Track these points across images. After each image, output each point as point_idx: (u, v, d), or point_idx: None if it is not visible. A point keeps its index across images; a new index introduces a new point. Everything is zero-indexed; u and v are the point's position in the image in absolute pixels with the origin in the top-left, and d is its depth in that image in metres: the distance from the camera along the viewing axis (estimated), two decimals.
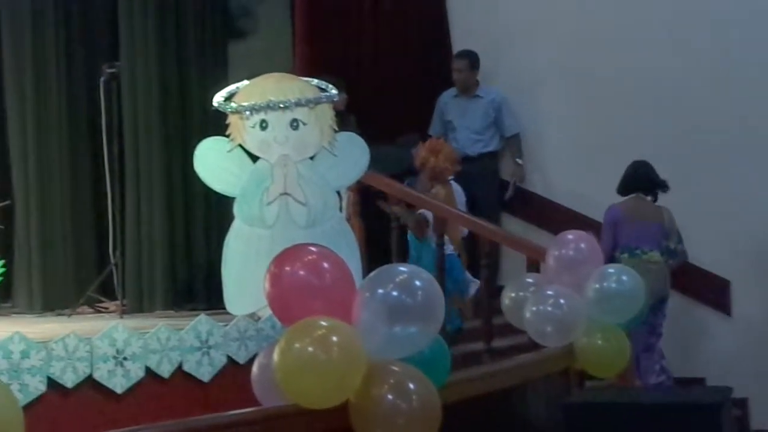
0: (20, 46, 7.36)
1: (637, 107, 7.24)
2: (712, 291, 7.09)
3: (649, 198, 6.50)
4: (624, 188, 6.50)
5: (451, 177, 6.64)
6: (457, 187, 6.73)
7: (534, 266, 5.69)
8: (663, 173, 6.51)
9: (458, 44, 7.78)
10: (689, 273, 6.84)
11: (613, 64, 7.29)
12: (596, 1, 7.47)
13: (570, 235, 5.22)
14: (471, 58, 7.58)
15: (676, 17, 7.21)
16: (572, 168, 7.45)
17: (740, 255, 6.99)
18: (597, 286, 4.96)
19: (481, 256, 6.06)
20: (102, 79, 6.77)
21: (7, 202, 7.25)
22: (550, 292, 4.98)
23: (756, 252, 7.00)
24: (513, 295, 5.20)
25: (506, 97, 7.62)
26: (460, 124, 7.61)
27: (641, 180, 6.48)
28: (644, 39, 7.25)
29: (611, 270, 5.04)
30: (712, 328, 7.11)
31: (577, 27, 7.43)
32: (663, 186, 6.47)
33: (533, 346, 5.15)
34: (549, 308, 4.92)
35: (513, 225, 7.49)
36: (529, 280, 5.27)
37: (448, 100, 7.72)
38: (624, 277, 4.96)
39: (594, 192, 6.95)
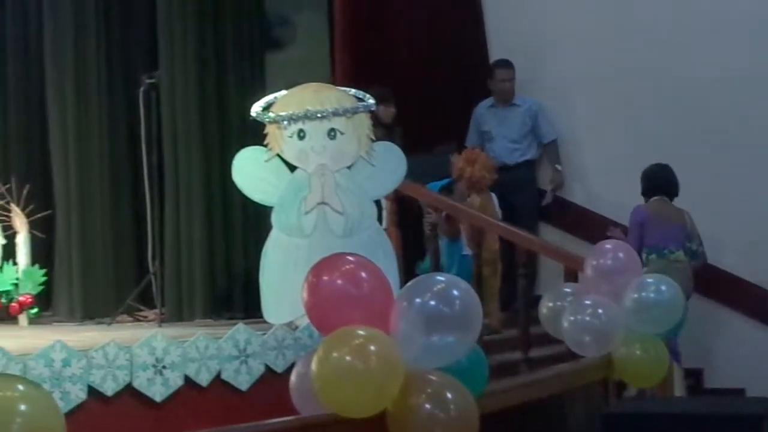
0: (62, 57, 7.43)
1: (674, 114, 7.20)
2: (752, 301, 7.03)
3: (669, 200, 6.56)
4: (648, 190, 6.59)
5: (488, 185, 6.64)
6: (494, 198, 6.73)
7: (572, 276, 5.67)
8: (700, 180, 6.51)
9: (495, 54, 7.78)
10: (729, 283, 6.79)
11: (650, 70, 7.25)
12: (631, 8, 7.44)
13: (608, 244, 5.20)
14: (514, 67, 7.58)
15: (713, 24, 7.17)
16: (610, 176, 7.42)
17: None
18: (635, 295, 4.94)
19: (518, 266, 6.04)
20: (141, 89, 6.80)
21: (47, 212, 7.33)
22: (588, 302, 4.96)
23: None
24: (551, 304, 5.19)
25: (543, 105, 7.60)
26: (498, 133, 7.60)
27: (664, 183, 6.57)
28: (680, 46, 7.21)
29: (650, 280, 5.01)
30: (751, 339, 7.04)
31: (613, 34, 7.40)
32: (676, 191, 6.58)
33: (571, 355, 5.13)
34: (587, 318, 4.90)
35: (550, 234, 7.46)
36: (567, 290, 5.25)
37: (483, 110, 7.72)
38: (663, 287, 4.93)
39: (632, 200, 6.91)
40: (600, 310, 4.88)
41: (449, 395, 3.24)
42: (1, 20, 7.67)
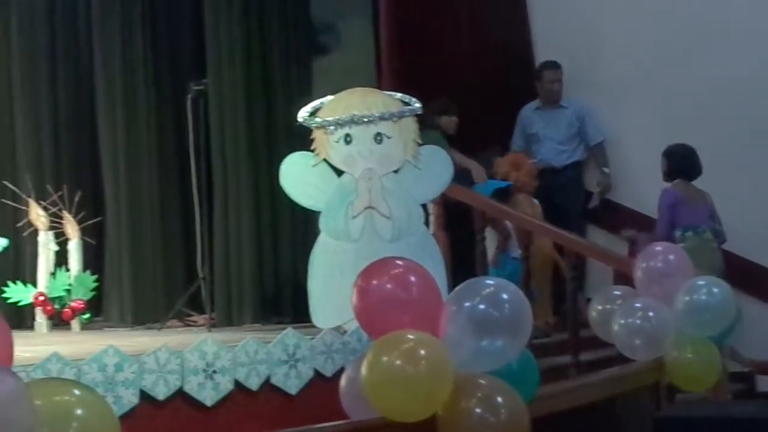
0: (110, 67, 7.52)
1: (719, 116, 7.14)
2: None
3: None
4: (672, 172, 6.64)
5: (530, 191, 6.66)
6: (535, 202, 6.73)
7: (621, 278, 5.63)
8: (744, 180, 6.47)
9: (541, 55, 7.75)
10: None
11: (697, 71, 7.21)
12: (677, 10, 7.39)
13: (658, 246, 5.16)
14: (561, 69, 7.55)
15: (757, 26, 7.10)
16: (658, 178, 7.34)
17: None
18: (687, 298, 4.89)
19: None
20: (189, 96, 6.87)
21: (98, 219, 7.41)
22: (638, 305, 4.91)
23: None
24: (600, 307, 5.14)
25: (589, 106, 7.56)
26: (545, 135, 7.58)
27: (689, 166, 6.62)
28: (725, 48, 7.15)
29: (701, 282, 4.96)
30: None
31: (659, 34, 7.36)
32: (700, 171, 6.63)
33: (621, 359, 5.09)
34: (637, 321, 4.85)
35: (598, 236, 7.42)
36: (617, 293, 5.21)
37: (530, 112, 7.69)
38: (714, 290, 4.87)
39: None
40: (651, 313, 4.84)
41: (499, 399, 3.24)
42: (52, 30, 7.77)
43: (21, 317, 7.20)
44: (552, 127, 7.60)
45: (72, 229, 7.17)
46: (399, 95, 5.76)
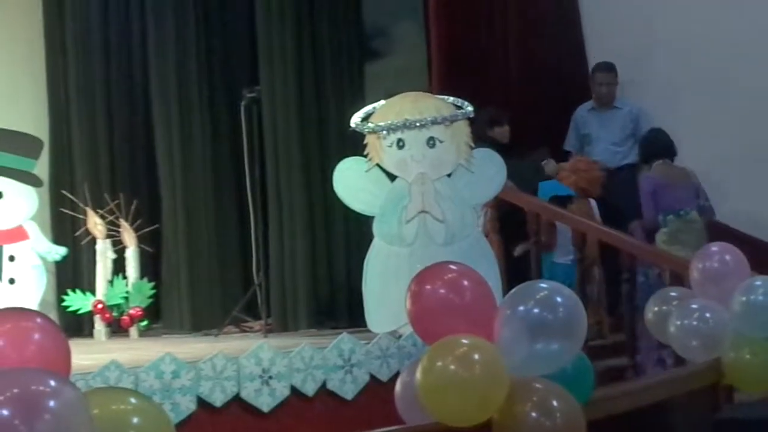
0: (165, 76, 7.60)
1: None
2: None
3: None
4: (649, 156, 6.76)
5: (591, 198, 6.64)
6: (592, 203, 6.68)
7: (677, 279, 5.57)
8: None
9: (594, 57, 7.70)
10: None
11: (750, 70, 7.12)
12: (731, 10, 7.31)
13: (714, 246, 5.09)
14: (616, 71, 7.51)
15: None
16: (712, 178, 7.27)
17: None
18: (743, 299, 4.81)
19: (621, 270, 5.96)
20: (242, 103, 6.91)
21: (155, 227, 7.49)
22: (694, 306, 4.85)
23: None
24: (656, 308, 5.09)
25: (644, 108, 7.51)
26: (599, 136, 7.53)
27: (662, 146, 6.73)
28: None
29: (758, 282, 4.87)
30: None
31: (712, 35, 7.28)
32: (675, 151, 6.76)
33: (679, 361, 5.04)
34: (694, 322, 4.79)
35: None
36: (673, 294, 5.16)
37: (584, 113, 7.65)
38: None
39: (737, 201, 6.79)
40: (707, 314, 4.78)
41: (555, 403, 3.22)
42: (106, 39, 7.87)
43: (80, 325, 7.30)
44: (606, 129, 7.55)
45: (129, 237, 7.25)
46: (451, 99, 5.76)
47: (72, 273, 7.55)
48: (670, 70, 7.48)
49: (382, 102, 5.70)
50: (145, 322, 7.23)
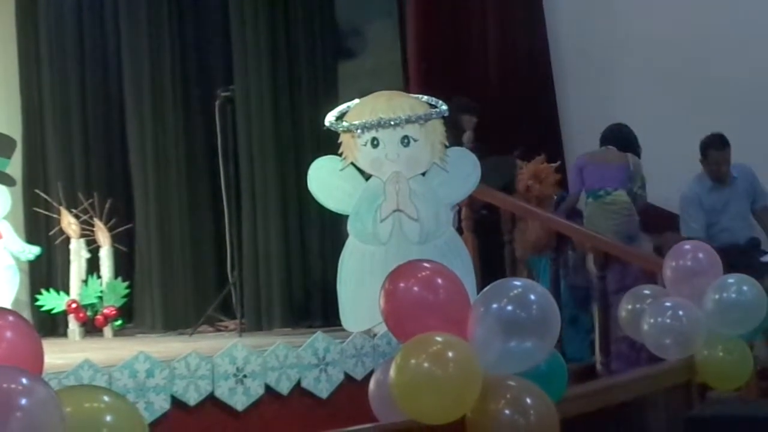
0: (139, 75, 7.59)
1: (748, 111, 7.11)
2: None
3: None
4: (601, 141, 6.84)
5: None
6: None
7: (650, 277, 5.60)
8: None
9: (556, 57, 7.72)
10: None
11: (717, 68, 7.21)
12: (695, 7, 7.37)
13: (687, 245, 5.13)
14: (729, 144, 6.67)
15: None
16: (679, 176, 7.22)
17: None
18: (716, 296, 4.86)
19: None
20: (217, 102, 6.89)
21: (128, 226, 7.46)
22: (668, 304, 4.89)
23: None
24: (630, 307, 5.13)
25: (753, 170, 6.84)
26: (726, 211, 6.82)
27: (619, 137, 6.78)
28: (738, 46, 7.13)
29: (731, 280, 4.93)
30: None
31: (678, 34, 7.35)
32: (638, 150, 6.79)
33: (652, 359, 5.07)
34: (668, 320, 4.83)
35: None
36: (646, 292, 5.19)
37: (702, 191, 6.80)
38: (744, 288, 4.83)
39: None
40: (680, 312, 4.81)
41: (528, 400, 3.23)
42: (80, 39, 7.84)
43: (54, 325, 7.27)
44: (732, 203, 6.78)
45: (103, 237, 7.22)
46: (425, 98, 5.76)
47: (46, 272, 7.53)
48: (635, 67, 7.53)
49: (357, 101, 5.70)
50: (119, 322, 7.21)
